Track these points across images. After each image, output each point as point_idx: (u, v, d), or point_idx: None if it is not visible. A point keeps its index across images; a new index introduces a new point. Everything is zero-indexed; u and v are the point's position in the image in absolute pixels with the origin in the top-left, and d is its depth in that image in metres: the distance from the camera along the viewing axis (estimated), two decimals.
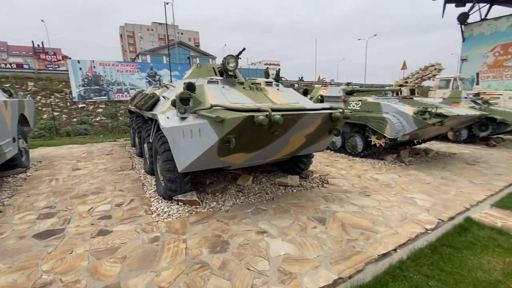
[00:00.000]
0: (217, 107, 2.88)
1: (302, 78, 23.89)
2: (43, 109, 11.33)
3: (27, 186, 4.38)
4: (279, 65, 50.32)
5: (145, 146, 4.94)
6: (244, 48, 4.21)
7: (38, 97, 11.81)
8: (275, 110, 2.81)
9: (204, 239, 2.70)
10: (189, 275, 2.16)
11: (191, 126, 2.96)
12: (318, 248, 2.56)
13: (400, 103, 5.97)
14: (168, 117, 3.30)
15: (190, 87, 3.21)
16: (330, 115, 3.30)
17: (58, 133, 10.32)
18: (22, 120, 5.43)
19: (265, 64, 42.62)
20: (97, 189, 4.21)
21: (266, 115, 2.63)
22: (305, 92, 4.51)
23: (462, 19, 18.25)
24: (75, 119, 11.38)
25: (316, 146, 3.97)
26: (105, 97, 13.05)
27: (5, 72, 12.98)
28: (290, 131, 3.16)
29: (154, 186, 4.22)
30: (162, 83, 5.39)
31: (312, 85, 10.82)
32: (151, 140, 4.27)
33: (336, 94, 7.21)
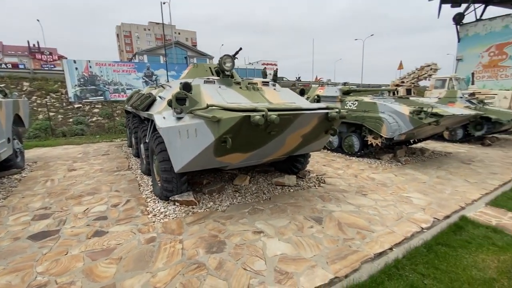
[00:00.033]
0: (214, 107, 2.87)
1: (300, 78, 23.99)
2: (39, 110, 11.23)
3: (22, 187, 4.34)
4: (277, 65, 50.28)
5: (142, 147, 4.91)
6: (241, 48, 4.23)
7: (34, 97, 11.70)
8: (272, 110, 2.82)
9: (201, 240, 2.69)
10: (185, 276, 2.15)
11: (187, 126, 2.95)
12: (315, 248, 2.57)
13: (396, 103, 6.00)
14: (164, 117, 3.29)
15: (186, 87, 3.20)
16: (327, 115, 3.31)
17: (54, 134, 10.25)
18: (17, 121, 5.39)
19: (263, 64, 42.62)
20: (93, 190, 4.18)
21: (263, 115, 2.64)
22: (302, 92, 4.53)
23: (458, 20, 18.37)
24: (71, 120, 11.30)
25: (313, 146, 3.98)
26: (102, 97, 12.96)
27: (0, 72, 12.83)
28: (287, 131, 3.16)
29: (151, 187, 4.20)
30: (159, 83, 5.37)
31: (310, 85, 10.86)
32: (148, 140, 4.25)
33: (333, 94, 7.24)
